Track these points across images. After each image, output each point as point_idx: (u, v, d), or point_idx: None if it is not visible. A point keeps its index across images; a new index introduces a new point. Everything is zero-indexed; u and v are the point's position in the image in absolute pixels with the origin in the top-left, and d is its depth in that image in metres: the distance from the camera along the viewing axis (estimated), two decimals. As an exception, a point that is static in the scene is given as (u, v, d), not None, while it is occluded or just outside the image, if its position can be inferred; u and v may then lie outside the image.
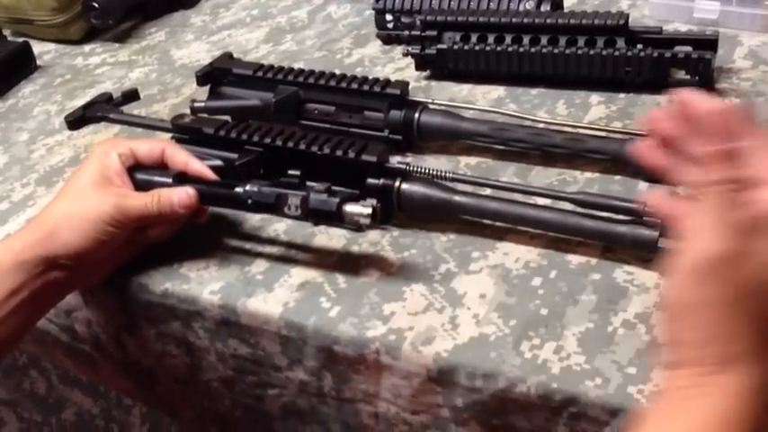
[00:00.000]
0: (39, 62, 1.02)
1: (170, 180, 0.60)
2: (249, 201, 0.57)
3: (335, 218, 0.55)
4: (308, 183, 0.59)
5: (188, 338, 0.61)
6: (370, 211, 0.54)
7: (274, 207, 0.57)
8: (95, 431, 1.02)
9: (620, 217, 0.55)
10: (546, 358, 0.49)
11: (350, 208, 0.54)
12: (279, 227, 0.64)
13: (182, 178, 0.60)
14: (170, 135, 0.68)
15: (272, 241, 0.62)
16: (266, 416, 0.63)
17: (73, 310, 0.67)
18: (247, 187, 0.57)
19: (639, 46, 0.72)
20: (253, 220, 0.65)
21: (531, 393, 0.48)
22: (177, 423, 0.86)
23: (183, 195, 0.58)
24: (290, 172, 0.57)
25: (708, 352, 0.37)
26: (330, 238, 0.62)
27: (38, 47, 1.05)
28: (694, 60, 0.70)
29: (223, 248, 0.63)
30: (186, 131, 0.66)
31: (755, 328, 0.37)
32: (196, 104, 0.75)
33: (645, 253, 0.54)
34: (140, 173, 0.61)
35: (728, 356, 0.36)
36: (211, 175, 0.61)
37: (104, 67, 0.99)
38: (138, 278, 0.61)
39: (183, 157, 0.61)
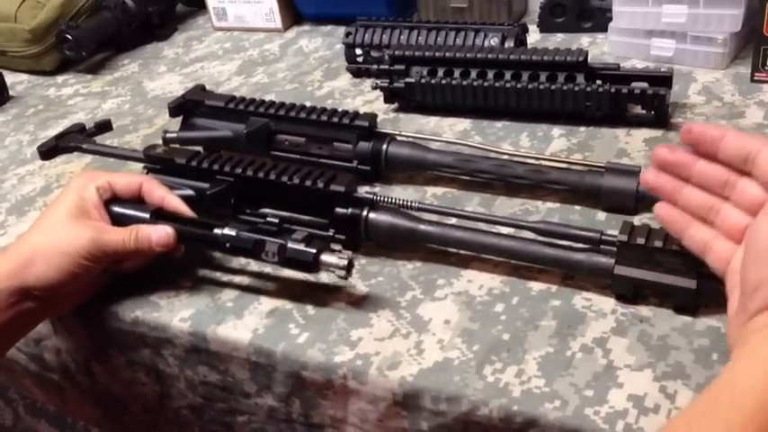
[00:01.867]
0: (11, 92, 1.03)
1: (147, 216, 0.61)
2: (227, 244, 0.58)
3: (312, 267, 0.56)
4: (289, 224, 0.60)
5: (158, 366, 0.62)
6: (345, 263, 0.55)
7: (251, 252, 0.58)
8: (62, 463, 1.01)
9: (579, 245, 0.57)
10: (508, 381, 0.50)
11: (326, 258, 0.55)
12: (249, 255, 0.65)
13: (159, 214, 0.61)
14: (142, 165, 0.69)
15: (242, 270, 0.63)
16: (235, 443, 0.64)
17: (42, 338, 0.67)
18: (225, 230, 0.58)
19: (598, 82, 0.75)
20: (223, 248, 0.66)
21: (494, 416, 0.49)
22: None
23: (161, 234, 0.59)
24: (269, 219, 0.58)
25: None
26: (299, 266, 0.63)
27: (11, 77, 1.06)
28: (650, 96, 0.73)
29: (194, 276, 0.63)
30: (158, 162, 0.68)
31: None
32: (168, 135, 0.76)
33: (602, 280, 0.56)
34: (117, 206, 0.62)
35: None
36: (189, 212, 0.61)
37: (77, 97, 1.00)
38: (109, 306, 0.62)
39: (160, 193, 0.62)
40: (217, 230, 0.58)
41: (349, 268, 0.55)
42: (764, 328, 0.41)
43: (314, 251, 0.55)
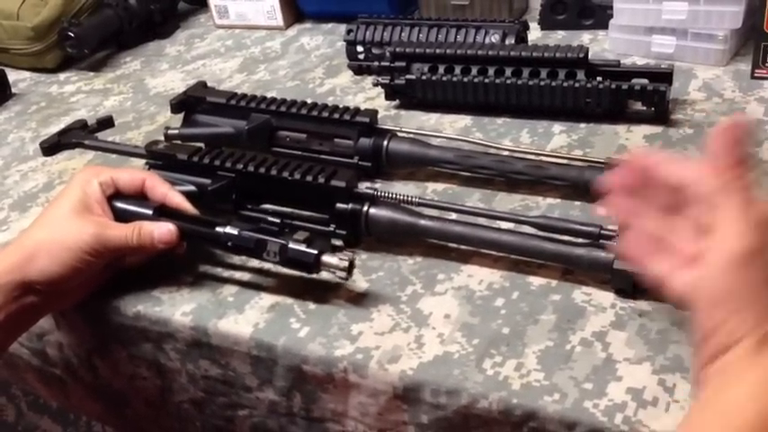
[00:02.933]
0: (14, 90, 1.03)
1: (150, 212, 0.61)
2: (229, 243, 0.58)
3: (313, 268, 0.56)
4: (290, 220, 0.61)
5: (159, 360, 0.62)
6: (346, 264, 0.55)
7: (253, 252, 0.58)
8: (64, 458, 1.02)
9: (579, 240, 0.57)
10: (507, 375, 0.51)
11: (327, 259, 0.56)
12: (250, 250, 0.65)
13: (162, 211, 0.61)
14: (144, 161, 0.70)
15: (243, 265, 0.64)
16: (236, 437, 0.64)
17: (45, 333, 0.67)
18: (227, 229, 0.58)
19: (599, 78, 0.75)
20: (225, 243, 0.66)
21: (493, 409, 0.50)
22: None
23: (164, 231, 0.59)
24: (271, 219, 0.59)
25: (751, 328, 0.41)
26: (300, 261, 0.63)
27: (13, 75, 1.06)
28: (650, 92, 0.74)
29: (195, 272, 0.64)
30: (160, 158, 0.68)
31: None
32: (170, 131, 0.76)
33: (601, 274, 0.56)
34: (120, 202, 0.62)
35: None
36: (191, 209, 0.62)
37: (79, 95, 1.01)
38: (111, 300, 0.62)
39: (163, 189, 0.62)
40: (219, 229, 0.59)
41: (350, 269, 0.56)
42: (715, 376, 0.41)
43: (315, 252, 0.56)
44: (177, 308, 0.60)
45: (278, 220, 0.59)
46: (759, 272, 0.41)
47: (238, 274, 0.63)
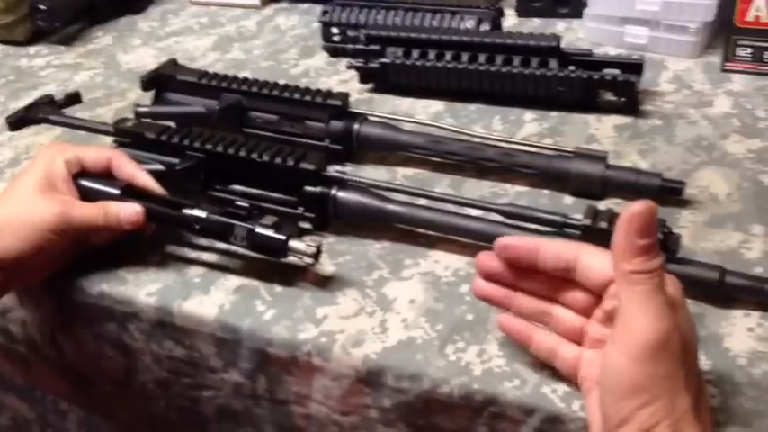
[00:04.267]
0: (-18, 62, 1.01)
1: (117, 191, 0.60)
2: (196, 226, 0.58)
3: (280, 253, 0.56)
4: (258, 202, 0.61)
5: (124, 340, 0.62)
6: (314, 250, 0.55)
7: (220, 235, 0.58)
8: (30, 436, 1.01)
9: (545, 229, 0.58)
10: (469, 361, 0.51)
11: (295, 245, 0.56)
12: (218, 231, 0.65)
13: (129, 191, 0.61)
14: (112, 138, 0.69)
15: (210, 247, 0.63)
16: (201, 418, 0.64)
17: (7, 310, 0.67)
18: (195, 212, 0.58)
19: (571, 67, 0.76)
20: (192, 224, 0.66)
21: (454, 394, 0.50)
22: (114, 427, 0.86)
23: (130, 212, 0.59)
24: (239, 203, 0.58)
25: (663, 418, 0.40)
26: (268, 243, 0.63)
27: (-19, 47, 1.04)
28: (620, 83, 0.74)
29: (162, 252, 0.63)
30: (128, 135, 0.67)
31: (691, 386, 0.41)
32: (140, 109, 0.75)
33: (566, 263, 0.57)
34: (86, 180, 0.61)
35: (679, 417, 0.40)
36: (158, 189, 0.61)
37: (49, 69, 0.99)
38: (75, 279, 0.61)
39: (129, 168, 0.62)
40: (186, 211, 0.58)
41: (317, 255, 0.56)
42: None
43: (283, 238, 0.56)
44: (142, 288, 0.60)
45: (246, 204, 0.58)
46: (667, 362, 0.40)
47: (205, 255, 0.63)
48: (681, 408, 0.40)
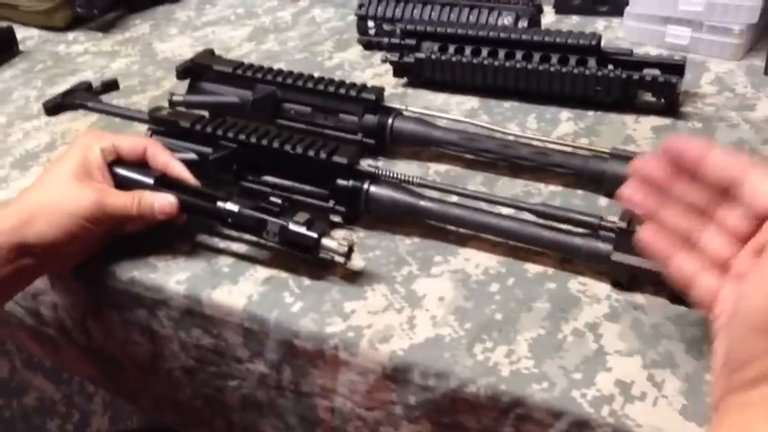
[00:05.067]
0: (21, 47, 1.03)
1: (151, 181, 0.61)
2: (229, 219, 0.58)
3: (312, 251, 0.56)
4: (290, 195, 0.61)
5: (152, 326, 0.62)
6: (345, 250, 0.55)
7: (252, 230, 0.58)
8: (56, 417, 1.02)
9: (578, 230, 0.57)
10: (497, 361, 0.50)
11: (327, 243, 0.55)
12: (248, 222, 0.65)
13: (163, 181, 0.61)
14: (147, 126, 0.69)
15: (240, 237, 0.63)
16: (225, 407, 0.64)
17: (39, 293, 0.67)
18: (228, 206, 0.58)
19: (610, 67, 0.74)
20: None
21: (481, 394, 0.49)
22: (139, 412, 0.87)
23: (164, 203, 0.59)
24: (273, 200, 0.58)
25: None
26: (298, 235, 0.63)
27: (21, 32, 1.05)
28: (661, 84, 0.73)
29: (192, 241, 0.64)
30: (163, 124, 0.68)
31: None
32: (174, 98, 0.76)
33: (599, 265, 0.56)
34: (121, 169, 0.62)
35: None
36: (192, 180, 0.61)
37: (86, 55, 1.00)
38: (106, 265, 0.62)
39: (164, 158, 0.62)
40: (220, 204, 0.58)
41: (349, 254, 0.56)
42: (748, 407, 0.37)
43: (315, 235, 0.55)
44: (172, 276, 0.60)
45: (279, 201, 0.58)
46: None
47: (235, 246, 0.63)
48: None
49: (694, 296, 0.44)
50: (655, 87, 0.74)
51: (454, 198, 0.62)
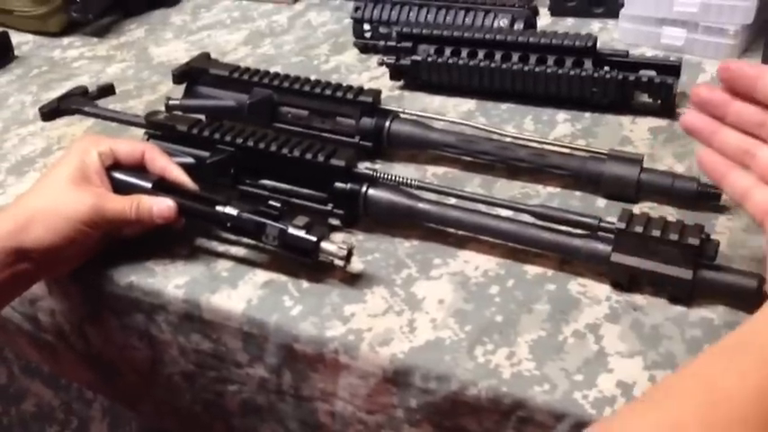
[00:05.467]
0: (16, 53, 1.02)
1: (149, 185, 0.61)
2: (228, 223, 0.58)
3: (311, 255, 0.56)
4: (288, 197, 0.61)
5: (151, 331, 0.62)
6: (345, 253, 0.55)
7: (252, 234, 0.58)
8: (55, 423, 1.02)
9: (577, 231, 0.57)
10: (498, 363, 0.50)
11: (327, 247, 0.55)
12: (247, 226, 0.65)
13: (161, 185, 0.61)
14: (143, 131, 0.69)
15: (239, 241, 0.63)
16: (225, 412, 0.64)
17: (37, 299, 0.67)
18: (227, 210, 0.58)
19: (606, 68, 0.75)
20: (221, 218, 0.66)
21: (482, 396, 0.49)
22: (138, 418, 0.87)
23: (163, 207, 0.59)
24: (271, 203, 0.58)
25: None
26: (296, 239, 0.63)
27: (16, 37, 1.05)
28: (657, 85, 0.73)
29: (191, 245, 0.63)
30: (159, 128, 0.67)
31: None
32: (171, 102, 0.75)
33: (598, 266, 0.56)
34: (119, 173, 0.62)
35: None
36: (191, 184, 0.61)
37: (82, 60, 1.00)
38: (104, 269, 0.62)
39: (162, 162, 0.62)
40: (219, 208, 0.58)
41: (348, 257, 0.55)
42: None
43: (314, 239, 0.55)
44: (170, 280, 0.60)
45: (278, 205, 0.58)
46: None
47: (234, 250, 0.63)
48: None
49: (749, 209, 0.47)
50: (651, 88, 0.74)
51: (452, 200, 0.62)
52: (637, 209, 0.62)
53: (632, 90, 0.75)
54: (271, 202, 0.58)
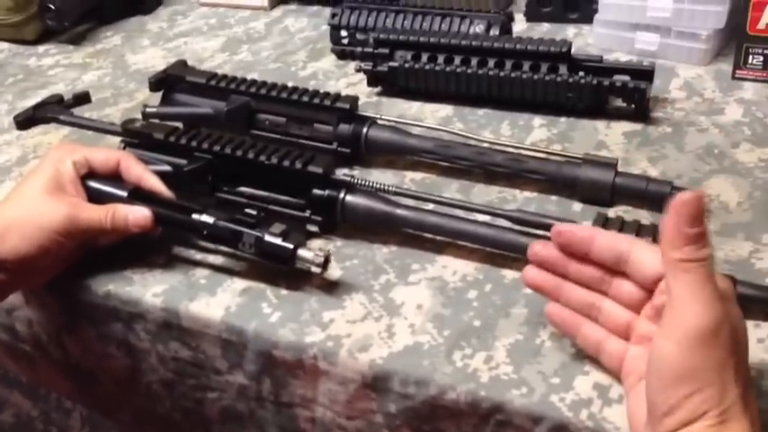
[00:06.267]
0: (-9, 60, 1.02)
1: (125, 194, 0.60)
2: (204, 231, 0.58)
3: (288, 262, 0.56)
4: (266, 204, 0.61)
5: (129, 340, 0.62)
6: (321, 260, 0.55)
7: (228, 242, 0.58)
8: (33, 434, 1.01)
9: (553, 235, 0.57)
10: (476, 367, 0.51)
11: (303, 254, 0.55)
12: (225, 233, 0.65)
13: (137, 194, 0.60)
14: (120, 139, 0.69)
15: (216, 249, 0.63)
16: (205, 419, 0.64)
17: (14, 309, 0.67)
18: (203, 218, 0.58)
19: (581, 73, 0.75)
20: (199, 225, 0.66)
21: (461, 401, 0.50)
22: (117, 427, 0.86)
23: (139, 216, 0.59)
24: (248, 211, 0.58)
25: (711, 407, 0.39)
26: (275, 245, 0.63)
27: (-9, 45, 1.04)
28: (631, 89, 0.74)
29: (168, 253, 0.63)
30: (136, 136, 0.67)
31: (739, 378, 0.41)
32: (148, 110, 0.75)
33: (574, 270, 0.56)
34: (94, 182, 0.61)
35: (727, 407, 0.40)
36: (166, 193, 0.61)
37: (57, 68, 0.99)
38: (81, 279, 0.61)
39: (138, 171, 0.62)
40: (195, 216, 0.58)
41: (325, 264, 0.56)
42: None
43: (291, 246, 0.55)
44: (148, 288, 0.60)
45: (255, 212, 0.58)
46: (718, 350, 0.40)
47: (211, 257, 0.63)
48: (729, 398, 0.40)
49: (604, 361, 0.48)
50: (625, 93, 0.75)
51: (430, 206, 0.63)
52: (612, 212, 0.63)
53: (607, 95, 0.76)
54: (248, 210, 0.58)
